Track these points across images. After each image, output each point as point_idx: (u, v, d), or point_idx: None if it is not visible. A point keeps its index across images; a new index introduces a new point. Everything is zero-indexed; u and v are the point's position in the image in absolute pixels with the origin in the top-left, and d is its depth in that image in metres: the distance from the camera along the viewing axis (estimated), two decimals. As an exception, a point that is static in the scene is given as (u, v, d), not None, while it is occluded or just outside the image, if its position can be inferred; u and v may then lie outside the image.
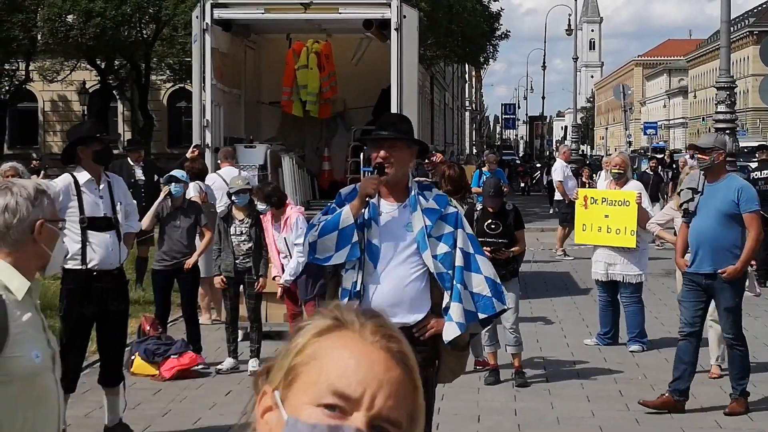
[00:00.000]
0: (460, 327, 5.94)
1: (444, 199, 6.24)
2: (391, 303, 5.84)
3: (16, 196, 3.91)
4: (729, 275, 9.61)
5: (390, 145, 5.96)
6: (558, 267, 21.50)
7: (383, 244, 5.93)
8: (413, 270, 5.94)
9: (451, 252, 5.96)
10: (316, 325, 1.77)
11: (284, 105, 16.28)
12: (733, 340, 9.86)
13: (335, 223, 5.89)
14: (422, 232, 5.92)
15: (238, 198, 11.51)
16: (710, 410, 9.96)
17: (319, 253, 5.93)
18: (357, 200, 5.91)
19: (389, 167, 5.93)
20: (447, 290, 5.94)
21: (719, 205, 9.68)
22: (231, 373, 11.50)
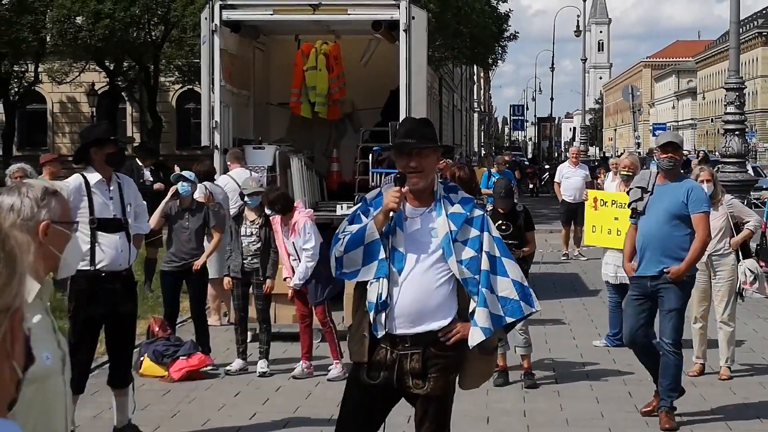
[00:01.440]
0: (485, 332, 5.87)
1: (471, 201, 6.15)
2: (417, 310, 5.82)
3: (23, 196, 3.90)
4: (674, 275, 9.31)
5: (418, 153, 5.88)
6: (567, 268, 21.48)
7: (408, 251, 5.86)
8: (439, 276, 5.88)
9: (477, 256, 5.88)
10: None
11: (293, 106, 16.28)
12: (672, 345, 9.42)
13: (360, 238, 5.82)
14: (447, 238, 5.85)
15: (251, 199, 11.51)
16: (720, 412, 9.92)
17: (346, 268, 5.87)
18: (381, 214, 5.83)
19: (419, 177, 5.85)
20: (473, 295, 5.87)
21: (667, 205, 9.41)
22: (240, 375, 11.49)
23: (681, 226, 9.45)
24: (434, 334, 5.85)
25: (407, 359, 5.85)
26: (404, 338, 5.84)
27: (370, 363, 5.89)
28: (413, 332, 5.83)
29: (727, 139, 21.82)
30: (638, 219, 9.60)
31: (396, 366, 5.86)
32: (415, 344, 5.84)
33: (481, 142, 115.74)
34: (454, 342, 5.88)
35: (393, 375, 5.87)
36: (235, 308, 11.91)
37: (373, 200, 6.03)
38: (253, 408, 10.07)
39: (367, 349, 5.87)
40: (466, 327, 5.87)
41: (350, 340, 6.09)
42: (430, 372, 5.87)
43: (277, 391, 10.79)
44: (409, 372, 5.86)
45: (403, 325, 5.82)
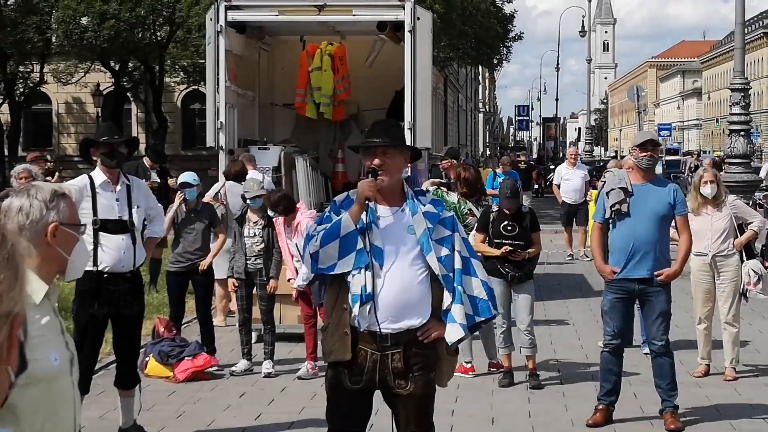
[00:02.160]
0: (463, 328, 5.94)
1: (440, 203, 6.25)
2: (400, 306, 5.84)
3: (32, 198, 3.93)
4: (666, 278, 9.29)
5: (383, 152, 5.94)
6: (572, 269, 21.48)
7: (386, 248, 5.88)
8: (418, 272, 5.91)
9: (451, 255, 5.95)
10: None
11: (298, 107, 16.30)
12: (664, 348, 9.43)
13: (336, 231, 5.83)
14: (426, 234, 5.89)
15: (253, 201, 11.54)
16: (725, 413, 9.92)
17: (322, 263, 5.87)
18: (356, 205, 5.87)
19: (383, 174, 5.90)
20: (449, 292, 5.92)
21: (655, 206, 9.31)
22: (245, 375, 11.51)
23: (666, 228, 9.46)
24: (414, 333, 5.88)
25: (389, 359, 5.87)
26: (385, 337, 5.85)
27: (350, 367, 5.89)
28: (395, 329, 5.84)
29: (732, 139, 21.80)
30: (607, 222, 9.50)
31: (378, 367, 5.88)
32: (396, 343, 5.86)
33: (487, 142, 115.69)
34: (431, 340, 5.93)
35: (375, 377, 5.89)
36: (239, 309, 11.93)
37: (342, 202, 6.05)
38: (258, 408, 10.09)
39: (350, 347, 5.86)
40: (441, 325, 5.92)
41: (327, 339, 6.01)
42: (413, 371, 5.90)
43: (282, 392, 10.81)
44: (391, 372, 5.88)
45: (385, 321, 5.82)
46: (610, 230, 9.54)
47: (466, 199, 11.82)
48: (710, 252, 11.19)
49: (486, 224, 11.09)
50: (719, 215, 11.16)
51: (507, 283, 10.99)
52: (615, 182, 9.54)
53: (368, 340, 5.86)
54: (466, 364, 11.45)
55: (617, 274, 9.38)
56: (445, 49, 38.77)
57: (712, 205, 11.16)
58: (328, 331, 6.00)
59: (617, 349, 9.55)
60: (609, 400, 9.57)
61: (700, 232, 11.03)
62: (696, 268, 11.35)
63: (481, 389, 10.88)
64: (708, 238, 11.15)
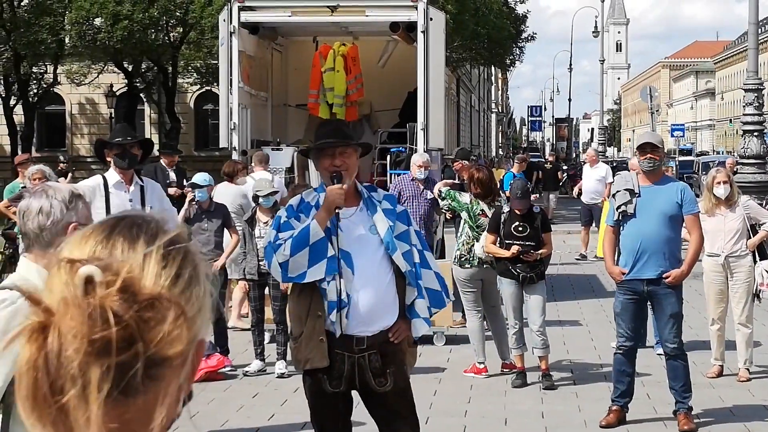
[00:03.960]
0: (427, 322, 6.07)
1: (393, 198, 6.30)
2: (375, 309, 5.89)
3: (51, 198, 3.94)
4: (674, 279, 9.25)
5: (341, 152, 5.96)
6: (585, 269, 21.44)
7: (354, 251, 5.88)
8: (387, 273, 5.94)
9: (410, 250, 5.99)
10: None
11: (311, 107, 16.33)
12: (678, 350, 9.41)
13: (305, 239, 5.80)
14: (389, 233, 5.92)
15: (265, 200, 11.53)
16: (738, 414, 9.91)
17: (292, 272, 5.85)
18: (324, 212, 5.84)
19: (346, 176, 5.91)
20: (413, 287, 5.97)
21: (662, 206, 9.28)
22: (258, 375, 11.53)
23: (676, 228, 9.42)
24: (386, 333, 5.94)
25: (366, 360, 5.90)
26: (362, 340, 5.89)
27: (329, 372, 5.91)
28: (371, 332, 5.89)
29: (745, 140, 21.75)
30: (618, 223, 9.48)
31: (356, 369, 5.91)
32: (371, 345, 5.90)
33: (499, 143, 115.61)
34: (401, 339, 5.99)
35: (355, 379, 5.93)
36: (251, 310, 11.93)
37: (299, 206, 6.05)
38: (271, 409, 10.10)
39: (327, 354, 5.87)
40: (407, 322, 5.98)
41: (301, 348, 6.00)
42: (389, 368, 5.95)
43: (296, 392, 10.78)
44: (370, 372, 5.92)
45: (360, 326, 5.86)
46: (621, 231, 9.53)
47: (480, 199, 11.82)
48: (723, 253, 11.16)
49: (497, 225, 11.08)
50: (732, 216, 11.14)
51: (519, 284, 10.98)
52: (622, 184, 9.55)
53: (344, 344, 5.89)
54: (479, 364, 11.45)
55: (626, 275, 9.37)
56: (458, 49, 38.75)
57: (725, 205, 11.13)
58: (302, 339, 5.99)
59: (630, 350, 9.53)
60: (623, 401, 9.56)
61: (713, 233, 11.02)
62: (709, 269, 11.33)
63: (494, 390, 10.87)
64: (721, 238, 11.13)
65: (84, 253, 1.52)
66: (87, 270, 1.46)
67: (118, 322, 1.44)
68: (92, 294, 1.45)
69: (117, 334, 1.43)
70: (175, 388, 1.54)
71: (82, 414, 1.44)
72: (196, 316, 1.52)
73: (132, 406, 1.48)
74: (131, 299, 1.46)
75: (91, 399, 1.44)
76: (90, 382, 1.43)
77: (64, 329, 1.44)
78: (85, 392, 1.44)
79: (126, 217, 1.58)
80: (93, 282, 1.46)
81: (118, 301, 1.45)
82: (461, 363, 11.84)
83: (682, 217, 9.39)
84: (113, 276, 1.47)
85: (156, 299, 1.48)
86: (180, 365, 1.52)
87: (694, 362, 10.84)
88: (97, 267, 1.47)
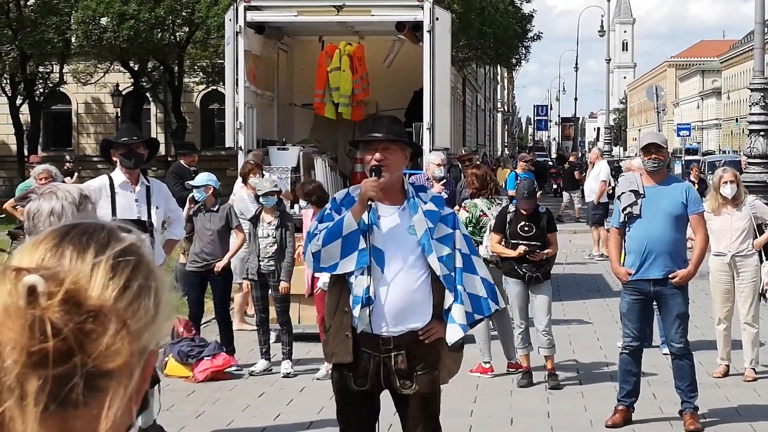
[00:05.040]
0: (463, 328, 5.96)
1: (441, 200, 6.22)
2: (402, 310, 5.84)
3: (62, 200, 3.95)
4: (681, 279, 9.25)
5: (384, 148, 5.89)
6: (591, 269, 21.44)
7: (388, 249, 5.85)
8: (420, 274, 5.89)
9: (452, 253, 5.93)
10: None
11: (317, 107, 16.31)
12: (684, 349, 9.39)
13: (338, 230, 5.79)
14: (426, 235, 5.86)
15: (266, 200, 11.52)
16: (744, 414, 9.90)
17: (324, 262, 5.85)
18: (358, 204, 5.81)
19: (385, 171, 5.86)
20: (450, 292, 5.92)
21: (667, 206, 9.27)
22: (264, 375, 11.53)
23: (681, 228, 9.42)
24: (415, 334, 5.89)
25: (391, 360, 5.87)
26: (387, 340, 5.86)
27: (354, 369, 5.90)
28: (397, 332, 5.85)
29: (751, 139, 21.73)
30: (623, 225, 9.47)
31: (381, 369, 5.89)
32: (398, 345, 5.86)
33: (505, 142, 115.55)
34: (432, 341, 5.94)
35: (380, 379, 5.90)
36: (256, 310, 11.94)
37: (343, 199, 6.02)
38: (277, 408, 10.10)
39: (351, 349, 5.86)
40: (442, 325, 5.92)
41: (329, 341, 6.02)
42: (416, 371, 5.90)
43: (301, 392, 10.82)
44: (395, 373, 5.88)
45: (387, 325, 5.83)
46: (627, 233, 9.53)
47: (478, 195, 11.84)
48: (729, 252, 11.16)
49: (503, 224, 11.08)
50: (739, 215, 11.13)
51: (524, 284, 10.98)
52: (626, 185, 9.54)
53: (369, 342, 5.87)
54: (485, 364, 11.46)
55: (632, 275, 9.37)
56: (464, 49, 38.74)
57: (731, 205, 11.13)
58: (330, 332, 6.01)
59: (636, 350, 9.53)
60: (629, 401, 9.55)
61: (720, 232, 11.02)
62: (715, 268, 11.32)
63: (499, 389, 10.87)
64: (727, 238, 11.13)
65: (33, 261, 1.50)
66: (30, 280, 1.44)
67: (56, 335, 1.42)
68: (34, 304, 1.43)
69: (54, 346, 1.41)
70: (123, 399, 1.50)
71: (19, 426, 1.42)
72: (142, 329, 1.50)
73: (74, 418, 1.46)
74: (73, 311, 1.44)
75: (28, 411, 1.42)
76: (27, 394, 1.42)
77: (3, 339, 1.42)
78: (22, 404, 1.42)
79: (78, 225, 1.55)
80: (35, 292, 1.44)
81: (58, 313, 1.43)
82: (467, 362, 11.74)
83: (687, 216, 9.39)
84: (57, 287, 1.45)
85: (99, 311, 1.45)
86: (126, 377, 1.50)
87: (700, 362, 10.84)
88: (42, 277, 1.45)
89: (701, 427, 9.32)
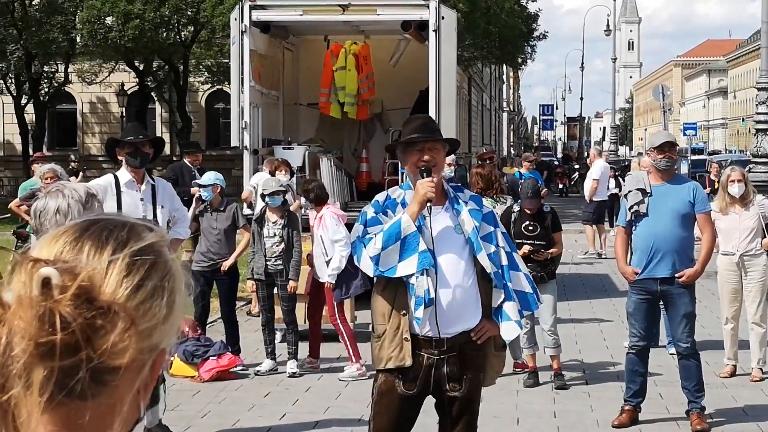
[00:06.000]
0: (519, 325, 5.97)
1: (479, 198, 6.22)
2: (458, 309, 5.81)
3: (68, 198, 3.93)
4: (688, 279, 9.22)
5: (429, 148, 5.88)
6: (597, 268, 21.41)
7: (438, 249, 5.80)
8: (471, 273, 5.86)
9: (497, 251, 5.91)
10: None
11: (322, 106, 16.31)
12: (690, 349, 9.37)
13: (396, 233, 5.73)
14: (475, 233, 5.83)
15: (272, 199, 11.49)
16: (751, 414, 9.87)
17: (383, 266, 5.76)
18: (416, 205, 5.75)
19: (435, 171, 5.83)
20: (500, 289, 5.88)
21: (674, 205, 9.25)
22: (269, 375, 11.51)
23: (689, 227, 9.38)
24: (467, 334, 5.85)
25: (444, 363, 5.82)
26: (442, 341, 5.80)
27: (405, 373, 5.82)
28: (452, 333, 5.81)
29: (758, 139, 21.71)
30: (629, 224, 9.46)
31: (433, 371, 5.82)
32: (452, 347, 5.81)
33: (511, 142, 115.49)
34: (484, 340, 5.90)
35: (431, 381, 5.84)
36: (261, 309, 11.92)
37: (386, 202, 5.97)
38: (283, 408, 10.09)
39: (410, 353, 5.78)
40: (492, 324, 5.89)
41: (383, 346, 5.89)
42: (466, 373, 5.87)
43: (307, 392, 10.80)
44: (446, 375, 5.83)
45: (444, 326, 5.78)
46: (633, 231, 9.50)
47: (483, 192, 11.85)
48: (738, 251, 11.13)
49: (507, 224, 11.04)
50: (747, 214, 11.10)
51: (529, 284, 10.93)
52: (633, 184, 9.53)
53: (425, 345, 5.80)
54: (490, 364, 11.42)
55: (639, 274, 9.34)
56: (470, 48, 38.68)
57: (740, 204, 11.09)
58: (385, 337, 5.87)
59: (643, 350, 9.50)
60: (635, 401, 9.52)
61: (728, 232, 10.99)
62: (723, 268, 11.28)
63: (506, 390, 10.83)
64: (736, 237, 11.09)
65: (51, 253, 1.51)
66: (45, 272, 1.45)
67: (64, 328, 1.43)
68: (46, 296, 1.44)
69: (62, 339, 1.42)
70: (129, 394, 1.52)
71: (24, 412, 1.44)
72: (152, 328, 1.51)
73: (81, 410, 1.47)
74: (84, 306, 1.45)
75: (32, 399, 1.44)
76: (33, 383, 1.44)
77: (15, 328, 1.44)
78: (28, 392, 1.44)
79: (100, 221, 1.56)
80: (50, 284, 1.45)
81: (69, 307, 1.44)
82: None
83: (694, 215, 9.36)
84: (71, 281, 1.46)
85: (110, 308, 1.46)
86: (134, 373, 1.51)
87: (706, 362, 10.81)
88: (57, 270, 1.46)
89: (708, 428, 9.29)
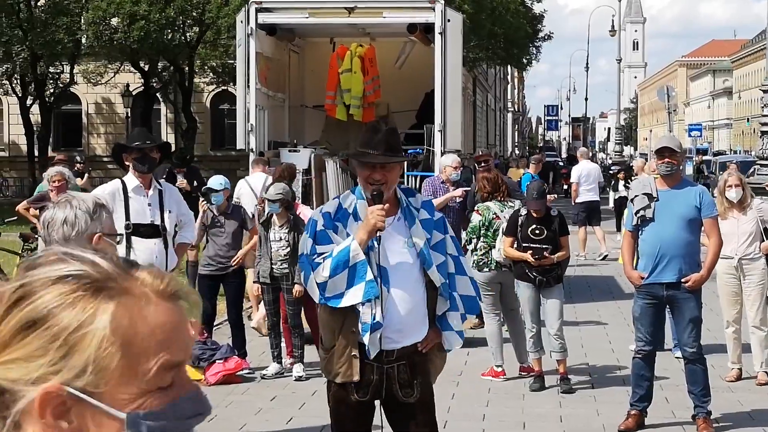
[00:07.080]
0: (461, 335, 6.07)
1: (431, 205, 6.19)
2: (406, 325, 5.85)
3: (75, 209, 3.94)
4: (694, 283, 9.22)
5: (382, 166, 5.73)
6: (602, 271, 21.38)
7: (390, 265, 5.78)
8: (419, 286, 5.85)
9: (446, 260, 5.90)
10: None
11: (328, 109, 16.30)
12: (697, 354, 9.37)
13: (344, 261, 5.67)
14: (426, 247, 5.81)
15: (270, 206, 11.45)
16: (757, 418, 9.87)
17: (329, 293, 5.73)
18: (364, 234, 5.65)
19: (385, 189, 5.72)
20: (446, 299, 5.90)
21: (681, 210, 9.25)
22: (276, 379, 11.52)
23: (695, 232, 9.39)
24: (416, 344, 5.91)
25: (394, 371, 5.87)
26: (392, 352, 5.85)
27: (358, 383, 5.87)
28: (401, 345, 5.86)
29: (763, 141, 21.72)
30: (636, 228, 9.46)
31: (384, 379, 5.88)
32: (401, 356, 5.87)
33: (515, 142, 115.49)
34: (429, 348, 5.97)
35: (382, 389, 5.89)
36: (267, 313, 11.92)
37: (337, 214, 5.85)
38: (289, 412, 10.09)
39: (359, 368, 5.82)
40: (437, 333, 5.94)
41: (332, 361, 5.93)
42: (417, 379, 5.92)
43: (314, 395, 10.79)
44: (398, 382, 5.88)
45: (391, 341, 5.82)
46: (639, 236, 9.50)
47: (490, 197, 11.86)
48: (736, 255, 11.14)
49: (514, 227, 11.05)
50: (745, 219, 11.12)
51: (536, 288, 10.95)
52: (640, 188, 9.55)
53: (375, 357, 5.85)
54: (497, 368, 11.44)
55: (645, 279, 9.34)
56: (475, 49, 38.71)
57: (738, 208, 11.11)
58: (334, 353, 5.91)
59: (649, 354, 9.50)
60: (642, 405, 9.52)
61: (727, 236, 10.98)
62: (722, 271, 11.28)
63: (512, 393, 10.85)
64: (734, 241, 11.10)
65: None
66: None
67: None
68: None
69: None
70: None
71: None
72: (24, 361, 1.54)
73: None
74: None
75: None
76: None
77: None
78: None
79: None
80: None
81: None
82: (479, 366, 11.82)
83: (700, 220, 9.36)
84: None
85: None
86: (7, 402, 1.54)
87: (712, 366, 10.81)
88: None
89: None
